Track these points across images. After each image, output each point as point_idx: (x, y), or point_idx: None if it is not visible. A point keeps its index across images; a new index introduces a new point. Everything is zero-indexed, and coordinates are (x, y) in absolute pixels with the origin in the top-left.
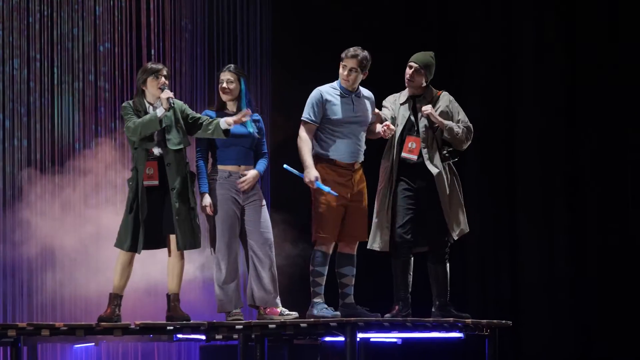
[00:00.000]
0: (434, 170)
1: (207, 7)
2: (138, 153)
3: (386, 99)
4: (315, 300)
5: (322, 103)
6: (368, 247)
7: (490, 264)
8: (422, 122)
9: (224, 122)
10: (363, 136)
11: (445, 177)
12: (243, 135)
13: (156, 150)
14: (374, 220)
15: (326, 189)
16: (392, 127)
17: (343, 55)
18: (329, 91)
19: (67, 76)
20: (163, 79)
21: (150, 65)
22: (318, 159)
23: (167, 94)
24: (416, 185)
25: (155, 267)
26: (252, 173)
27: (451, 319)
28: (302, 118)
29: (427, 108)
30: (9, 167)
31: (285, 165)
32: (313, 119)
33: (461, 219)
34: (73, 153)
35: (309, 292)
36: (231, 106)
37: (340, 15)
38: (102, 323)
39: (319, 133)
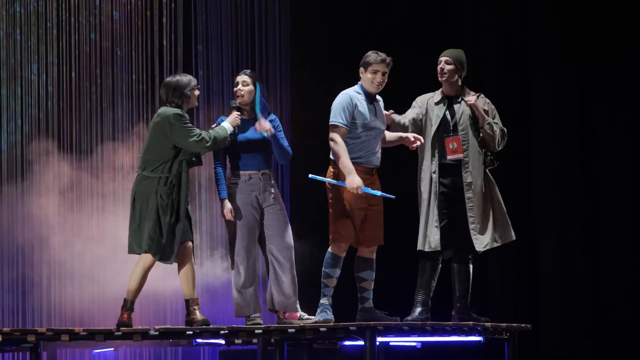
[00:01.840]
0: (467, 179)
1: (229, 10)
2: (179, 164)
3: (417, 98)
4: (321, 301)
5: (352, 107)
6: (419, 248)
7: (510, 268)
8: (462, 123)
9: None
10: (380, 142)
11: (481, 185)
12: (258, 140)
13: None
14: (422, 222)
15: (377, 192)
16: (420, 138)
17: (372, 60)
18: (356, 96)
19: (85, 81)
20: (198, 90)
21: (186, 77)
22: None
23: (238, 119)
24: (451, 188)
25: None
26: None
27: (471, 322)
28: (333, 122)
29: (472, 98)
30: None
31: (310, 175)
32: (345, 122)
33: (489, 233)
34: (91, 157)
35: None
36: (248, 112)
37: (358, 11)
38: (122, 328)
39: (344, 138)
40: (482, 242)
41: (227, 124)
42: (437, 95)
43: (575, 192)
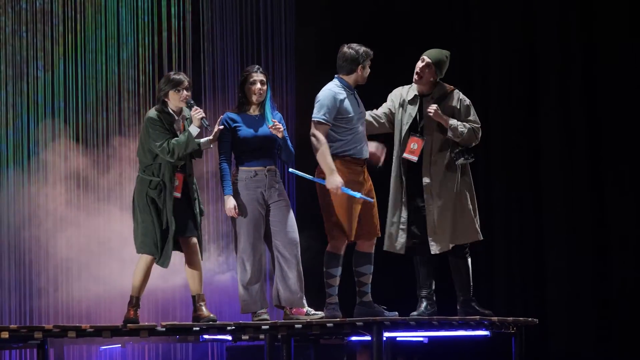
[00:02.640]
0: (425, 180)
1: (235, 7)
2: (164, 166)
3: (392, 92)
4: (328, 301)
5: (336, 103)
6: (385, 249)
7: (516, 261)
8: (428, 125)
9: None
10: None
11: (441, 186)
12: (264, 137)
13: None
14: (389, 222)
15: (357, 194)
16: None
17: (368, 55)
18: (339, 90)
19: (90, 78)
20: (185, 92)
21: (172, 76)
22: (334, 158)
23: (200, 114)
24: (415, 187)
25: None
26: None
27: (477, 317)
28: (316, 118)
29: (432, 109)
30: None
31: (290, 169)
32: (329, 119)
33: (445, 235)
34: (97, 154)
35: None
36: (254, 108)
37: (361, 7)
38: (129, 324)
39: (333, 132)
40: (436, 245)
41: (193, 127)
42: (411, 91)
43: (582, 188)
